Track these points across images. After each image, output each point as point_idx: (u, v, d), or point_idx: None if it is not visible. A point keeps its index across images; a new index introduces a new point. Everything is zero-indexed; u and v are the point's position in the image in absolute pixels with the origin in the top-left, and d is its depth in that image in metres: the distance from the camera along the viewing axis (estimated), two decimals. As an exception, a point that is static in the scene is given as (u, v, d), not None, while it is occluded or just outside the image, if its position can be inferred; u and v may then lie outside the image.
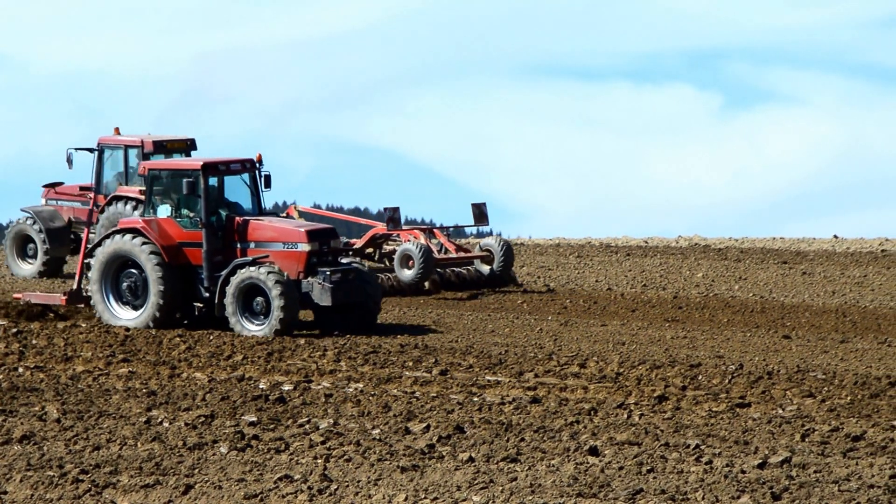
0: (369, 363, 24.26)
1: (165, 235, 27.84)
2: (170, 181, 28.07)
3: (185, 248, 27.85)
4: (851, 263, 46.63)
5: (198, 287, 27.82)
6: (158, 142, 36.48)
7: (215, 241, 27.73)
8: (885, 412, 20.01)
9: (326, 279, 27.27)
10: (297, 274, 27.45)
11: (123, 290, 28.08)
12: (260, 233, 27.80)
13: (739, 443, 17.40)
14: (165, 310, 27.70)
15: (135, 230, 27.96)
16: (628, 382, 22.51)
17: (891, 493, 14.54)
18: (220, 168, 28.10)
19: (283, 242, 27.63)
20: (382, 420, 18.83)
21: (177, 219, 27.91)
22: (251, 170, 28.44)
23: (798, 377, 23.16)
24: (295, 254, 27.58)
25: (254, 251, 27.71)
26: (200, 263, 27.73)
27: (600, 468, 15.68)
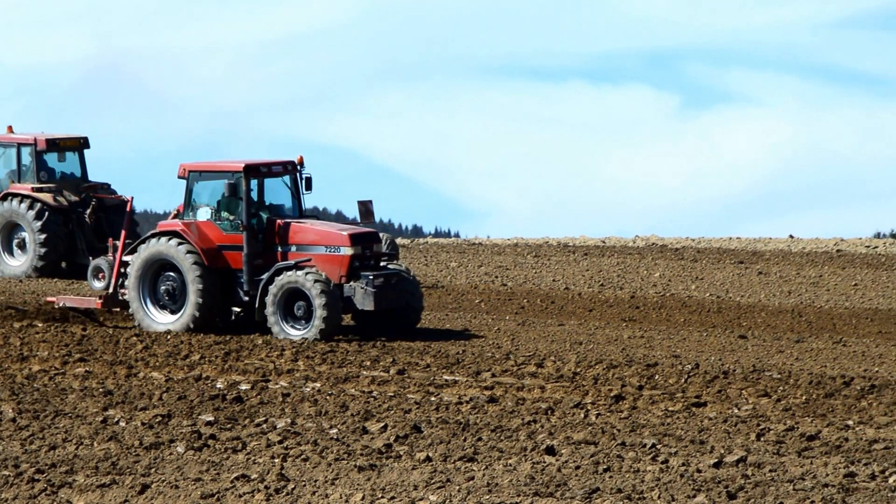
0: (327, 363, 24.26)
1: (205, 238, 27.32)
2: (210, 183, 27.59)
3: (224, 251, 27.35)
4: (807, 263, 46.92)
5: (237, 291, 27.33)
6: (51, 140, 36.84)
7: (256, 245, 27.22)
8: (840, 412, 20.16)
9: (369, 283, 26.76)
10: (340, 278, 26.91)
11: (161, 294, 27.61)
12: (301, 236, 27.29)
13: (695, 442, 17.49)
14: (204, 314, 27.21)
15: (174, 233, 27.45)
16: (585, 382, 22.59)
17: (845, 491, 14.65)
18: (262, 170, 27.61)
19: (326, 246, 27.09)
20: (340, 419, 18.84)
21: (216, 221, 27.42)
22: (292, 172, 27.94)
23: (754, 377, 23.29)
24: (337, 257, 27.06)
25: (295, 254, 27.20)
26: (240, 267, 27.22)
27: (557, 467, 15.74)
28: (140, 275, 27.65)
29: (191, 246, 27.26)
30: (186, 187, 27.71)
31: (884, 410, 20.22)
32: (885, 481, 15.16)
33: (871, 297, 38.44)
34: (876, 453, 16.89)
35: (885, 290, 39.97)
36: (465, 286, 40.05)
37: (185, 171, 27.71)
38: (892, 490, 14.72)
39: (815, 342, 29.00)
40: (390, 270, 27.45)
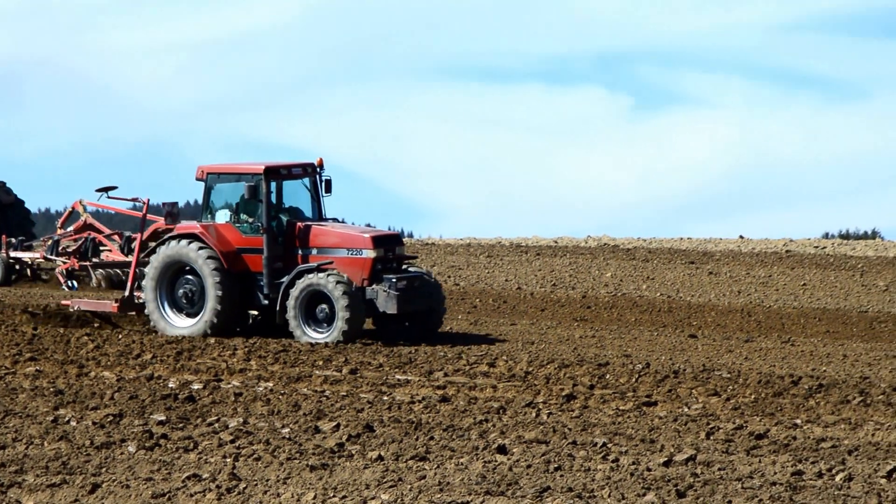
0: (279, 362, 24.27)
1: (224, 241, 27.06)
2: (229, 185, 27.31)
3: (243, 254, 27.09)
4: (756, 263, 47.25)
5: (256, 294, 27.07)
6: None
7: (276, 247, 26.96)
8: (788, 410, 20.35)
9: (392, 287, 26.55)
10: (362, 281, 26.71)
11: (179, 298, 27.35)
12: (323, 238, 27.04)
13: (646, 441, 17.63)
14: (223, 317, 26.96)
15: (192, 235, 27.16)
16: (537, 381, 22.71)
17: (792, 490, 14.81)
18: (282, 172, 27.32)
19: (348, 248, 26.86)
20: (292, 419, 18.87)
21: (236, 224, 27.14)
22: (312, 174, 27.67)
23: (703, 376, 23.46)
24: (360, 260, 26.81)
25: (316, 257, 26.97)
26: (259, 270, 26.96)
27: (508, 466, 15.83)
28: (157, 278, 27.30)
29: (210, 249, 26.94)
30: (204, 189, 27.33)
31: (831, 409, 20.43)
32: (831, 479, 15.34)
33: (820, 297, 38.78)
34: (823, 452, 17.08)
35: (832, 291, 40.31)
36: None
37: (203, 174, 27.34)
38: (839, 488, 14.89)
39: (764, 342, 29.25)
40: (413, 273, 27.17)
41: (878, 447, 17.39)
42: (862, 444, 17.55)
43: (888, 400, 21.13)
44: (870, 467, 15.95)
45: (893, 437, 18.09)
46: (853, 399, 21.13)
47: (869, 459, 16.53)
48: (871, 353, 27.72)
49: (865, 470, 15.79)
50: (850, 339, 30.48)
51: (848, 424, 19.15)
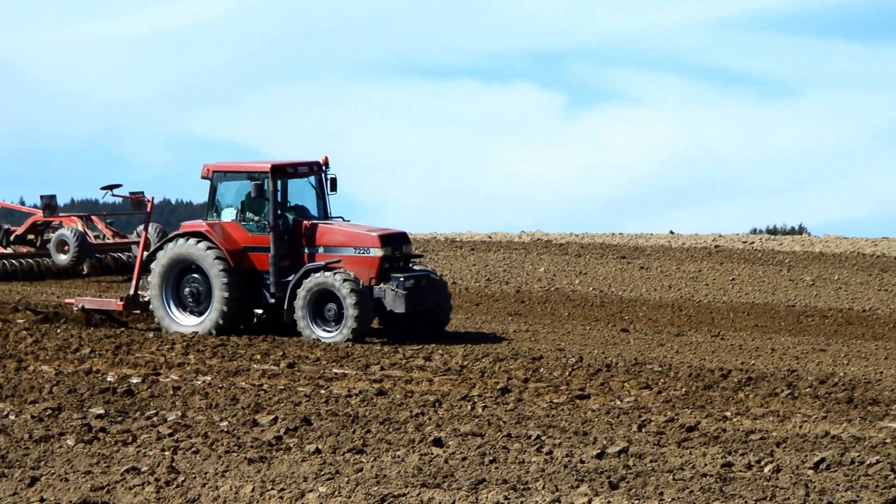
0: (217, 356, 24.33)
1: (230, 239, 26.80)
2: (235, 183, 27.02)
3: (249, 252, 26.81)
4: (687, 259, 47.65)
5: (262, 293, 26.82)
6: None
7: (282, 246, 26.72)
8: (718, 403, 20.62)
9: (400, 285, 26.30)
10: (369, 280, 26.47)
11: (185, 296, 27.08)
12: (329, 237, 26.80)
13: (579, 433, 17.81)
14: (229, 316, 26.73)
15: (198, 234, 26.87)
16: (472, 375, 22.90)
17: (722, 481, 15.03)
18: (289, 170, 27.04)
19: (355, 247, 26.61)
20: (230, 412, 18.96)
21: (242, 222, 26.88)
22: (318, 172, 27.39)
23: (635, 369, 23.72)
24: (367, 259, 26.58)
25: (322, 256, 26.71)
26: (266, 268, 26.70)
27: (444, 459, 15.98)
28: (163, 276, 27.04)
29: (216, 247, 26.70)
30: (210, 187, 27.06)
31: (759, 402, 20.72)
32: (760, 471, 15.58)
33: (748, 292, 39.19)
34: (752, 443, 17.33)
35: (761, 285, 40.76)
36: None
37: (209, 172, 27.06)
38: (767, 479, 15.13)
39: (695, 336, 29.53)
40: (420, 272, 26.97)
41: (805, 439, 17.67)
42: (790, 436, 17.82)
43: (815, 393, 21.45)
44: (797, 459, 16.22)
45: (820, 429, 18.37)
46: (781, 392, 21.44)
47: (796, 451, 16.80)
48: (798, 347, 28.06)
49: (793, 461, 16.06)
50: (778, 332, 30.83)
51: (776, 417, 19.43)
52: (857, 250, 51.31)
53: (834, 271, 44.66)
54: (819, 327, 31.98)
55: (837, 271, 44.69)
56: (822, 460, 15.93)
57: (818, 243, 54.63)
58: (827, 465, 15.81)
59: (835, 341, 29.33)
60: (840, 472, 15.52)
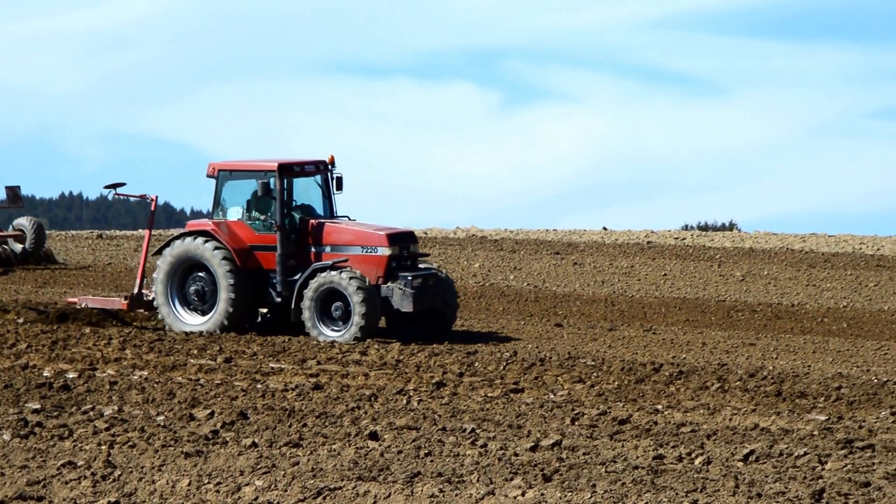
0: (154, 351, 24.31)
1: (236, 238, 26.57)
2: (241, 182, 26.75)
3: (256, 251, 26.59)
4: (619, 254, 47.95)
5: (268, 292, 26.60)
6: None
7: (289, 245, 26.47)
8: (650, 396, 20.84)
9: (408, 284, 26.10)
10: (377, 279, 26.23)
11: (190, 295, 26.83)
12: (336, 236, 26.58)
13: (513, 427, 17.95)
14: (235, 315, 26.50)
15: (204, 233, 26.64)
16: (408, 369, 23.03)
17: (654, 473, 15.21)
18: (295, 169, 26.79)
19: (363, 246, 26.40)
20: (167, 407, 18.99)
21: (248, 221, 26.65)
22: (324, 171, 27.14)
23: (569, 363, 23.92)
24: (374, 258, 26.37)
25: (329, 255, 26.49)
26: (272, 267, 26.48)
27: (380, 452, 16.08)
28: (168, 275, 26.80)
29: (222, 246, 26.47)
30: (216, 186, 26.84)
31: (690, 395, 20.98)
32: (691, 463, 15.77)
33: (680, 287, 39.52)
34: (683, 436, 17.53)
35: (692, 280, 41.11)
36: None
37: (214, 170, 26.83)
38: (698, 471, 15.33)
39: (627, 330, 29.75)
40: (427, 271, 26.77)
41: (735, 431, 17.91)
42: (720, 429, 18.05)
43: (745, 386, 21.73)
44: (727, 451, 16.44)
45: (750, 422, 18.62)
46: (712, 385, 21.70)
47: (726, 443, 17.03)
48: (728, 341, 28.36)
49: (723, 453, 16.28)
50: (709, 327, 31.13)
51: (707, 410, 19.67)
52: (786, 246, 51.84)
53: (763, 267, 45.12)
54: (749, 322, 32.32)
55: (767, 267, 45.15)
56: (752, 452, 16.17)
57: (748, 239, 55.15)
58: (756, 457, 16.06)
59: (764, 335, 29.66)
60: (769, 463, 15.76)
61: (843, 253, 49.70)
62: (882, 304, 36.49)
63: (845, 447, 16.77)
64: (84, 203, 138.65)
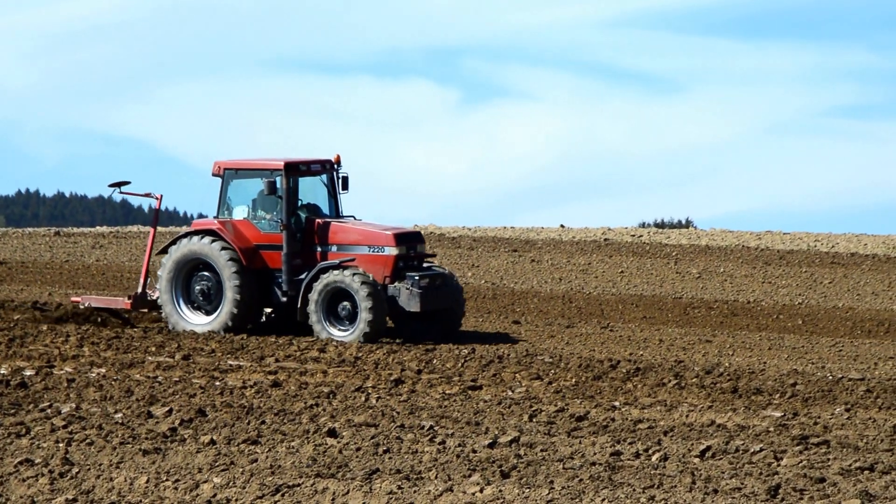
0: (112, 348, 24.25)
1: (242, 237, 26.34)
2: (247, 181, 26.51)
3: (261, 250, 26.37)
4: (577, 252, 48.12)
5: (273, 291, 26.39)
6: None
7: (295, 244, 26.27)
8: (607, 393, 20.94)
9: (415, 284, 25.89)
10: (384, 279, 26.05)
11: (195, 295, 26.59)
12: (343, 235, 26.37)
13: (471, 423, 18.01)
14: (241, 314, 26.28)
15: (210, 232, 26.41)
16: (366, 366, 23.06)
17: (611, 469, 15.30)
18: (301, 168, 26.55)
19: (369, 246, 26.21)
20: (125, 404, 18.96)
21: (254, 220, 26.44)
22: (330, 171, 26.94)
23: (527, 360, 24.01)
24: (381, 258, 26.18)
25: (335, 254, 26.28)
26: (277, 267, 26.27)
27: (338, 449, 16.11)
28: (173, 274, 26.58)
29: (228, 245, 26.27)
30: (221, 185, 26.60)
31: (647, 392, 21.09)
32: (648, 459, 15.87)
33: (637, 284, 39.70)
34: (640, 433, 17.64)
35: (649, 278, 41.30)
36: None
37: (220, 169, 26.59)
38: (655, 467, 15.43)
39: (585, 327, 29.87)
40: (435, 272, 26.60)
41: (691, 428, 18.03)
42: (677, 425, 18.16)
43: (701, 382, 21.87)
44: (684, 447, 16.55)
45: (706, 418, 18.74)
46: (668, 382, 21.83)
47: (683, 440, 17.14)
48: (685, 338, 28.53)
49: (680, 450, 16.39)
50: (666, 324, 31.29)
51: (664, 406, 19.79)
52: (742, 243, 52.13)
53: (720, 264, 45.35)
54: (705, 319, 32.50)
55: (723, 264, 45.39)
56: (708, 448, 16.28)
57: (704, 237, 55.42)
58: (712, 453, 16.17)
59: (720, 332, 29.84)
60: (725, 459, 15.88)
61: (798, 250, 50.02)
62: (836, 301, 36.76)
63: (801, 443, 16.91)
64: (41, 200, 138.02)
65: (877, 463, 15.66)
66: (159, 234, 45.79)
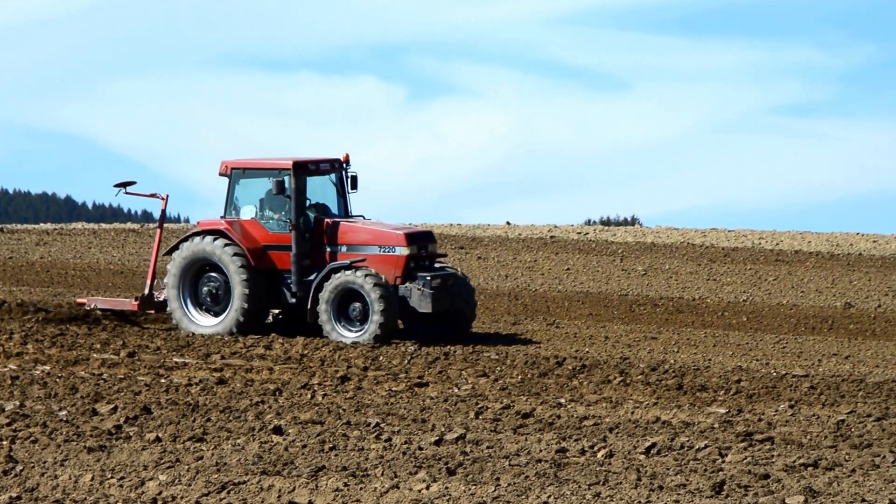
0: (56, 346, 24.12)
1: (250, 238, 25.97)
2: (255, 181, 26.16)
3: (270, 251, 25.99)
4: (523, 249, 48.25)
5: (282, 292, 26.01)
6: None
7: (304, 244, 25.91)
8: (553, 390, 21.02)
9: (427, 285, 25.55)
10: (395, 279, 25.69)
11: (203, 296, 26.22)
12: (353, 235, 26.02)
13: (417, 421, 18.04)
14: (249, 316, 25.90)
15: (217, 232, 26.01)
16: (312, 363, 23.05)
17: (557, 466, 15.36)
18: (310, 167, 26.17)
19: (380, 246, 25.86)
20: (69, 402, 18.87)
21: (261, 220, 26.09)
22: (339, 170, 26.57)
23: (473, 357, 24.05)
24: (392, 258, 25.83)
25: (345, 255, 25.91)
26: (286, 267, 25.90)
27: (284, 446, 16.10)
28: (180, 275, 26.22)
29: (236, 246, 25.90)
30: (228, 185, 26.26)
31: (593, 389, 21.18)
32: (594, 456, 15.94)
33: (583, 281, 39.84)
34: (586, 429, 17.71)
35: (594, 275, 41.45)
36: None
37: (227, 168, 26.23)
38: (601, 464, 15.49)
39: (531, 324, 29.95)
40: (446, 272, 26.30)
41: (637, 424, 18.12)
42: (622, 422, 18.25)
43: (646, 380, 21.98)
44: (629, 444, 16.63)
45: (651, 415, 18.84)
46: (614, 379, 21.93)
47: (629, 436, 17.22)
48: (630, 335, 28.64)
49: (625, 446, 16.46)
50: (611, 321, 31.41)
51: (609, 403, 19.87)
52: (687, 241, 52.41)
53: (665, 261, 45.58)
54: (650, 316, 32.65)
55: (668, 261, 45.62)
56: (653, 445, 16.37)
57: (650, 234, 55.68)
58: (658, 449, 16.26)
59: (665, 329, 29.99)
60: (670, 456, 15.97)
61: (742, 248, 50.34)
62: (781, 298, 37.02)
63: (745, 440, 17.03)
64: None
65: (820, 459, 15.79)
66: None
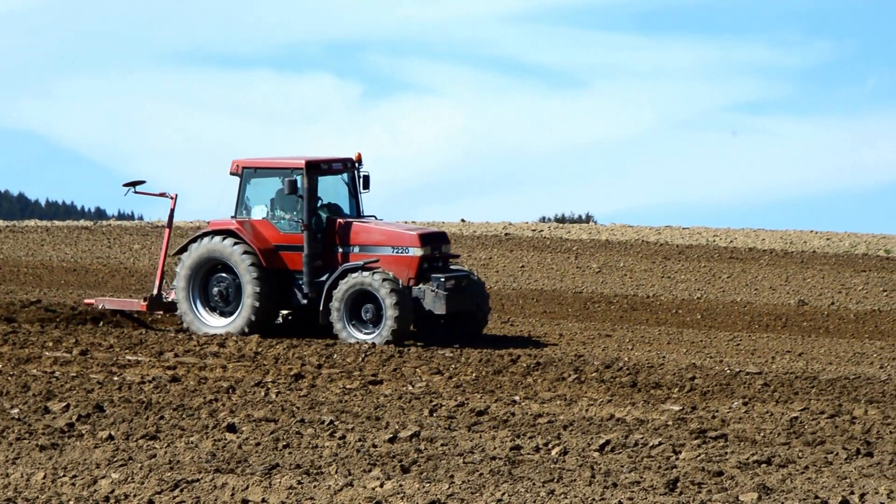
0: (8, 343, 23.98)
1: (261, 238, 25.65)
2: (266, 180, 25.85)
3: (281, 251, 25.68)
4: (478, 246, 48.32)
5: (293, 293, 25.72)
6: None
7: (316, 245, 25.61)
8: (507, 388, 21.07)
9: (440, 286, 25.27)
10: (408, 280, 25.40)
11: (213, 296, 25.91)
12: (365, 236, 25.71)
13: (371, 418, 18.06)
14: (260, 316, 25.58)
15: (228, 232, 25.70)
16: (266, 361, 23.00)
17: (511, 463, 15.41)
18: (322, 167, 25.85)
19: (393, 247, 25.55)
20: (21, 399, 18.77)
21: (273, 220, 25.78)
22: (351, 169, 26.27)
23: (427, 355, 24.07)
24: (406, 259, 25.52)
25: (357, 255, 25.61)
26: (298, 268, 25.58)
27: (238, 444, 16.09)
28: (190, 276, 25.92)
29: (247, 246, 25.59)
30: (240, 184, 25.96)
31: (547, 386, 21.24)
32: (548, 453, 16.00)
33: (537, 279, 39.94)
34: (540, 427, 17.76)
35: (549, 272, 41.56)
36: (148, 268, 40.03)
37: (238, 168, 25.92)
38: (555, 461, 15.55)
39: (486, 322, 29.98)
40: (460, 273, 26.05)
41: (591, 422, 18.18)
42: (576, 420, 18.31)
43: (601, 377, 22.05)
44: (584, 441, 16.69)
45: (605, 413, 18.90)
46: (568, 376, 21.99)
47: (583, 434, 17.28)
48: (585, 333, 28.73)
49: (580, 444, 16.52)
50: (566, 318, 31.51)
51: (563, 401, 19.93)
52: (642, 238, 52.61)
53: (619, 259, 45.74)
54: (605, 313, 32.76)
55: (623, 259, 45.78)
56: (608, 443, 16.43)
57: (604, 231, 55.86)
58: (612, 447, 16.32)
59: (620, 327, 30.10)
60: (624, 453, 16.03)
61: (697, 245, 50.57)
62: (735, 296, 37.21)
63: (699, 437, 17.10)
64: None
65: (774, 456, 15.88)
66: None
